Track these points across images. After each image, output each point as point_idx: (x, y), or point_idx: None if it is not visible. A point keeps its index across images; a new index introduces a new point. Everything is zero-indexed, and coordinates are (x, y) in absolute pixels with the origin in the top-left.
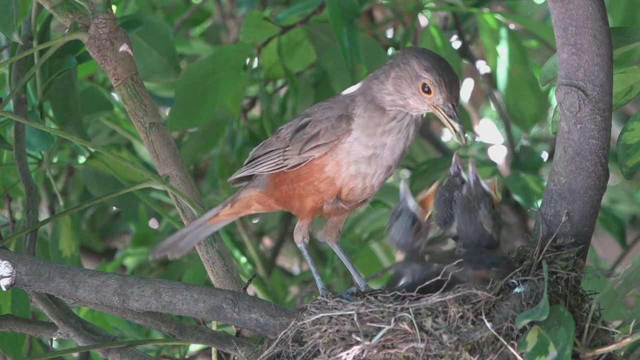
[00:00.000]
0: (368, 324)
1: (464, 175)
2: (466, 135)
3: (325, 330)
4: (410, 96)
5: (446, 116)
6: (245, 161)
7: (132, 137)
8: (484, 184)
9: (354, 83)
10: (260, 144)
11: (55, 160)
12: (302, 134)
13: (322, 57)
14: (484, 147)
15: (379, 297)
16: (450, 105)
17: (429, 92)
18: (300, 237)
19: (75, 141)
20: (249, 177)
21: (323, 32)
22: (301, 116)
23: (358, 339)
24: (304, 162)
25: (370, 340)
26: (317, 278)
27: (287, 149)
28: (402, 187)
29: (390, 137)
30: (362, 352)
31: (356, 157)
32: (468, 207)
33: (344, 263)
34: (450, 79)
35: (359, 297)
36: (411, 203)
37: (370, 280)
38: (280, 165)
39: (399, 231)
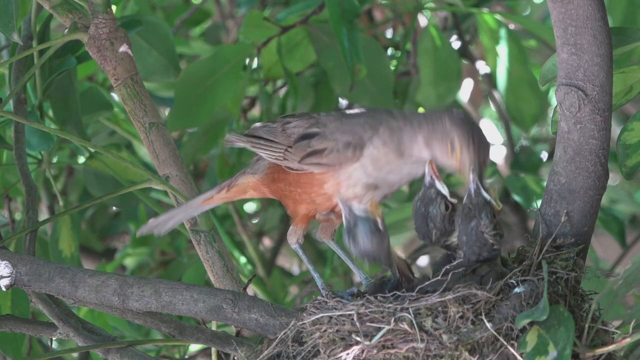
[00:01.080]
0: (368, 324)
1: (439, 186)
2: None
3: (325, 330)
4: (438, 153)
5: (474, 179)
6: (246, 132)
7: (132, 137)
8: (485, 193)
9: (354, 83)
10: (264, 125)
11: (55, 160)
12: (307, 144)
13: (322, 57)
14: None
15: (379, 297)
16: (474, 168)
17: (455, 151)
18: (294, 239)
19: (75, 141)
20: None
21: (323, 32)
22: (312, 119)
23: (358, 339)
24: (302, 171)
25: (370, 340)
26: (315, 276)
27: (289, 149)
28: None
29: (396, 176)
30: (362, 352)
31: (356, 181)
32: (469, 216)
33: (342, 257)
34: (480, 142)
35: (359, 297)
36: (358, 208)
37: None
38: (280, 162)
39: (365, 239)
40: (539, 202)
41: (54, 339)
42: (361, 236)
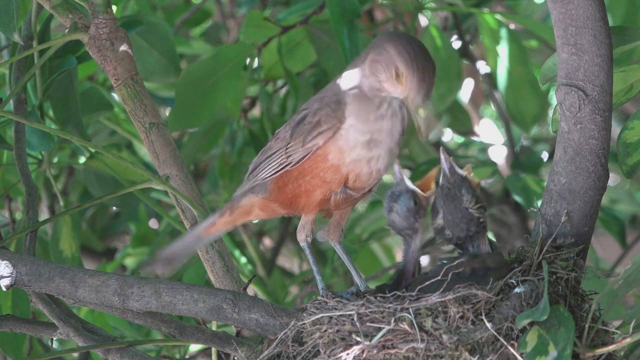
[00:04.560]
0: (368, 324)
1: (407, 182)
2: (432, 131)
3: (325, 331)
4: (385, 80)
5: (413, 109)
6: (247, 175)
7: (132, 137)
8: (459, 169)
9: None
10: (259, 153)
11: (55, 160)
12: (303, 125)
13: (322, 57)
14: (484, 147)
15: (378, 297)
16: (419, 98)
17: (400, 80)
18: (303, 235)
19: (75, 141)
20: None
21: (323, 32)
22: (297, 113)
23: (358, 339)
24: (308, 153)
25: (370, 340)
26: (318, 278)
27: (289, 145)
28: (397, 168)
29: (385, 121)
30: (362, 352)
31: (354, 142)
32: (450, 195)
33: (346, 264)
34: (424, 70)
35: (359, 297)
36: (409, 182)
37: (371, 281)
38: (284, 164)
39: (402, 213)
40: (539, 202)
41: (54, 339)
42: (396, 212)
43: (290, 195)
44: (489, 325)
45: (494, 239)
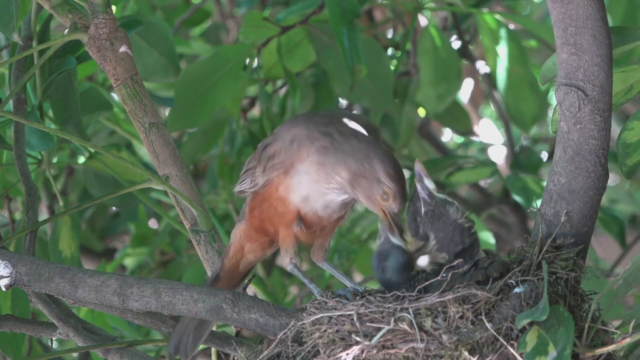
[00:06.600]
0: (368, 324)
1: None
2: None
3: (325, 331)
4: (364, 195)
5: (393, 223)
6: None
7: (131, 137)
8: (438, 194)
9: (354, 83)
10: (247, 160)
11: (55, 160)
12: (266, 152)
13: (322, 57)
14: (483, 147)
15: (378, 297)
16: (398, 214)
17: (386, 199)
18: (287, 259)
19: (75, 141)
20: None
21: (323, 32)
22: (272, 133)
23: (358, 339)
24: (267, 180)
25: (370, 340)
26: (311, 287)
27: (256, 168)
28: (381, 227)
29: (330, 197)
30: (362, 352)
31: (295, 190)
32: (435, 214)
33: (338, 278)
34: (404, 189)
35: (358, 297)
36: (395, 238)
37: (370, 281)
38: (253, 184)
39: (395, 271)
40: (539, 202)
41: (54, 339)
42: (390, 271)
43: (258, 220)
44: (488, 325)
45: (493, 246)
